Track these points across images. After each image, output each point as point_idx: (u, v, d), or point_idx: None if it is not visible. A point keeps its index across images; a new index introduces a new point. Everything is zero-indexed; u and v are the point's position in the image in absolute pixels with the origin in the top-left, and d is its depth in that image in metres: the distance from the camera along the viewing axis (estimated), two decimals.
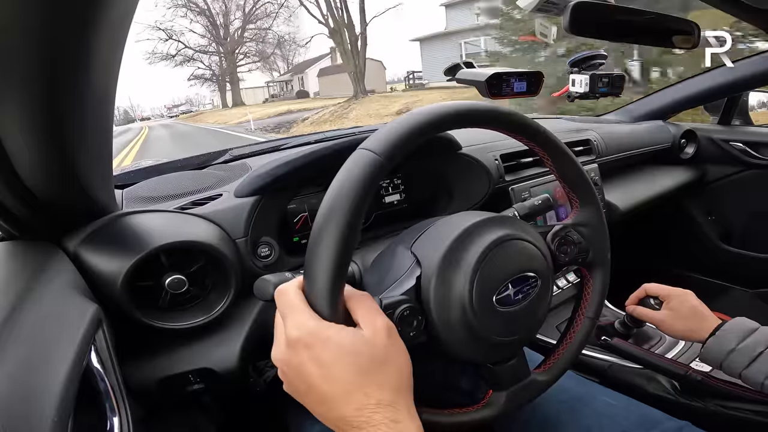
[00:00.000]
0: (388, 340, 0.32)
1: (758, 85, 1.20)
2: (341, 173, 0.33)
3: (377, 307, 0.34)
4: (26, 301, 0.35)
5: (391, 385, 0.31)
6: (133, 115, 46.45)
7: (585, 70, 0.82)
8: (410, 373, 0.33)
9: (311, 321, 0.31)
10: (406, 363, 0.33)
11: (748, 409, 0.64)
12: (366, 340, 0.31)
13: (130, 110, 48.16)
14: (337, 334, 0.31)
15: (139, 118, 43.63)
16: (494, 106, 0.41)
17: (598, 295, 0.49)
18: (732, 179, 1.32)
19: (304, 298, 0.33)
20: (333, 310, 0.32)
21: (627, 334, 0.81)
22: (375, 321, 0.32)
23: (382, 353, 0.31)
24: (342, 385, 0.30)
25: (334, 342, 0.30)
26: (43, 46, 0.27)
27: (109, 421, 0.36)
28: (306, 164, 0.60)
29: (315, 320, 0.31)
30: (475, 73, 0.60)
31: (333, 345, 0.30)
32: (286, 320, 0.33)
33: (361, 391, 0.29)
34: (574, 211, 0.49)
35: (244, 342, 0.57)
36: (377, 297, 0.37)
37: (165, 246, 0.50)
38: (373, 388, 0.30)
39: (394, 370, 0.31)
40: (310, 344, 0.30)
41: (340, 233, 0.31)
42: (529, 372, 0.45)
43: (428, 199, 0.80)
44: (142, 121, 40.30)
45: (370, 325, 0.32)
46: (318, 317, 0.32)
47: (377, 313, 0.33)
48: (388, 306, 0.36)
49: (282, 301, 0.34)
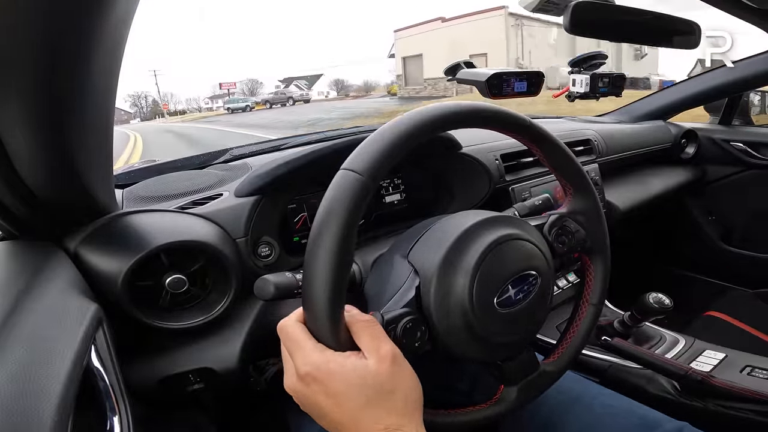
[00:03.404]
0: (393, 367, 0.32)
1: (758, 85, 1.20)
2: (327, 198, 0.33)
3: (381, 331, 0.34)
4: (26, 301, 0.35)
5: (398, 410, 0.32)
6: (163, 109, 41.76)
7: (585, 70, 0.82)
8: (419, 394, 0.34)
9: (316, 354, 0.32)
10: (413, 387, 0.33)
11: (748, 409, 0.64)
12: (371, 371, 0.31)
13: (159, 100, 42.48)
14: (342, 367, 0.31)
15: (168, 111, 38.09)
16: (474, 104, 0.40)
17: (601, 282, 0.49)
18: (732, 179, 1.32)
19: (306, 330, 0.34)
20: (335, 339, 0.32)
21: (627, 334, 0.81)
22: (379, 349, 0.32)
23: (389, 382, 0.32)
24: (351, 414, 0.31)
25: (340, 375, 0.31)
26: (43, 45, 0.27)
27: (109, 421, 0.36)
28: (306, 164, 0.60)
29: (320, 353, 0.32)
30: (476, 73, 0.60)
31: (340, 378, 0.31)
32: (293, 356, 0.33)
33: (370, 419, 0.31)
34: (568, 198, 0.49)
35: (244, 341, 0.57)
36: (379, 312, 0.37)
37: (165, 245, 0.50)
38: (381, 414, 0.31)
39: (401, 396, 0.32)
40: (319, 378, 0.32)
41: (332, 261, 0.31)
42: (538, 364, 0.45)
43: (429, 199, 0.80)
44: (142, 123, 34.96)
45: (374, 354, 0.32)
46: (323, 348, 0.32)
47: (381, 341, 0.33)
48: (391, 321, 0.36)
49: (285, 336, 0.35)
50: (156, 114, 41.46)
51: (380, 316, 0.36)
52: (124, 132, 16.46)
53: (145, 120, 42.54)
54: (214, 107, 43.10)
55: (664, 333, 0.84)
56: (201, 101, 47.26)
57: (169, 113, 38.47)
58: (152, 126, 25.50)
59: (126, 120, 43.82)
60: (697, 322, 1.01)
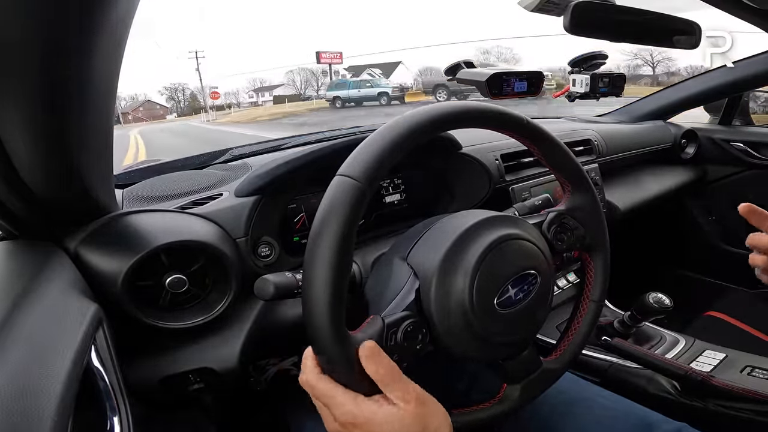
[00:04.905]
0: (420, 409, 0.34)
1: (758, 85, 1.20)
2: (325, 204, 0.33)
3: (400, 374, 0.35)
4: (26, 301, 0.35)
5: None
6: (202, 102, 32.90)
7: (586, 70, 0.82)
8: (449, 427, 0.36)
9: (350, 404, 0.34)
10: (443, 422, 0.36)
11: (748, 409, 0.64)
12: (400, 417, 0.33)
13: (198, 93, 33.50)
14: (374, 416, 0.34)
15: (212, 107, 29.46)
16: (473, 104, 0.40)
17: (601, 278, 0.49)
18: (733, 179, 1.32)
19: (329, 381, 0.35)
20: (357, 379, 0.34)
21: (627, 334, 0.81)
22: (405, 395, 0.34)
23: (418, 424, 0.34)
24: None
25: (374, 423, 0.34)
26: (43, 45, 0.27)
27: (109, 421, 0.36)
28: (306, 164, 0.60)
29: (352, 402, 0.34)
30: (476, 73, 0.60)
31: (374, 426, 0.34)
32: (329, 407, 0.35)
33: None
34: (566, 196, 0.49)
35: (244, 341, 0.57)
36: (379, 316, 0.37)
37: (165, 245, 0.50)
38: None
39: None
40: (358, 424, 0.34)
41: (331, 264, 0.32)
42: (540, 362, 0.45)
43: (429, 199, 0.80)
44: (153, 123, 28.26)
45: (401, 399, 0.34)
46: (353, 396, 0.34)
47: (404, 383, 0.35)
48: (391, 324, 0.36)
49: (312, 392, 0.36)
50: (195, 109, 34.16)
51: (381, 319, 0.36)
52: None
53: (183, 115, 35.55)
54: (259, 101, 36.80)
55: (664, 333, 0.84)
56: (241, 95, 39.31)
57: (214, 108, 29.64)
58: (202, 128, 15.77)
59: (162, 115, 38.01)
60: (697, 322, 1.01)
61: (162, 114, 39.35)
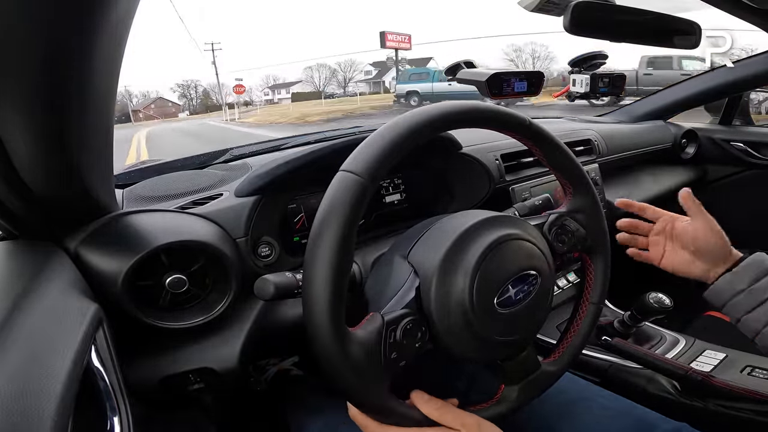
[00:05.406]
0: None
1: (758, 85, 1.20)
2: (326, 200, 0.33)
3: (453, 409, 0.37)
4: (26, 301, 0.35)
5: None
6: (220, 99, 31.13)
7: (586, 70, 0.82)
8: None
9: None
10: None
11: (749, 409, 0.64)
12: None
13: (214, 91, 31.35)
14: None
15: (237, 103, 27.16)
16: (474, 104, 0.40)
17: (601, 280, 0.49)
18: (733, 179, 1.32)
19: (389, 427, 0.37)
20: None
21: (627, 334, 0.81)
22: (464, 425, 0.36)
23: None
24: None
25: None
26: (43, 46, 0.27)
27: (109, 421, 0.36)
28: (306, 164, 0.60)
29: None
30: (476, 73, 0.60)
31: None
32: None
33: None
34: (567, 198, 0.49)
35: (244, 341, 0.57)
36: (379, 313, 0.37)
37: (165, 245, 0.50)
38: None
39: None
40: None
41: (332, 263, 0.32)
42: (539, 364, 0.45)
43: (429, 199, 0.80)
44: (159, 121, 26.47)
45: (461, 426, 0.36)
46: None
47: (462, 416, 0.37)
48: (391, 322, 0.36)
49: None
50: (207, 106, 32.26)
51: (380, 317, 0.36)
52: None
53: (195, 113, 33.93)
54: (275, 99, 35.57)
55: (664, 333, 0.84)
56: (255, 92, 37.48)
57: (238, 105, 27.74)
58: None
59: (174, 113, 37.02)
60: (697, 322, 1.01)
61: (174, 112, 38.23)
